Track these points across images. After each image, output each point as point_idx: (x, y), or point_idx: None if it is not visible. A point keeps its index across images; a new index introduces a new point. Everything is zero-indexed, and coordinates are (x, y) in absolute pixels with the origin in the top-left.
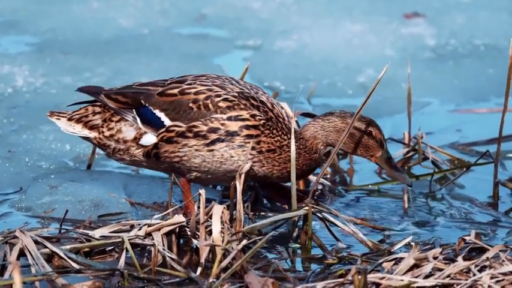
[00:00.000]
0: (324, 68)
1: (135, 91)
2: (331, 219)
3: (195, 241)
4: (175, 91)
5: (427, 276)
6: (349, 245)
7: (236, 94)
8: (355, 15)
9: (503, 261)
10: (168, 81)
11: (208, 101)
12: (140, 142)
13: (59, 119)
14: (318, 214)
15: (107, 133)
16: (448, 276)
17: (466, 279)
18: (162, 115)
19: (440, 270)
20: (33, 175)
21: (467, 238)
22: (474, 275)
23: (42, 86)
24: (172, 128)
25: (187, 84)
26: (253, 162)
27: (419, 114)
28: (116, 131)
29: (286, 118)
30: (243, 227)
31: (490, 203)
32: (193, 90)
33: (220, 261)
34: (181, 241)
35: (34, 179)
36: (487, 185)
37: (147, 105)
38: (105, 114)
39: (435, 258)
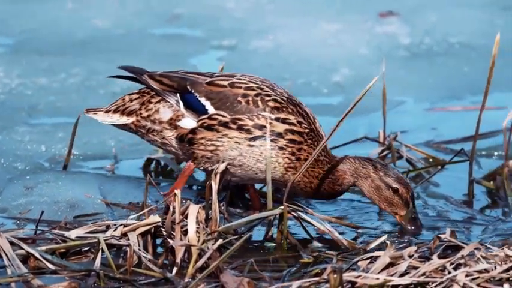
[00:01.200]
0: (299, 68)
1: (182, 76)
2: (307, 218)
3: (170, 241)
4: (226, 83)
5: (402, 275)
6: (325, 244)
7: (285, 98)
8: (330, 14)
9: (479, 259)
10: (217, 74)
11: (258, 98)
12: (178, 123)
13: (95, 113)
14: (293, 213)
15: (145, 114)
16: (424, 274)
17: (442, 277)
18: (207, 103)
19: (415, 268)
20: (8, 176)
21: (442, 236)
22: (449, 273)
23: (18, 87)
24: (215, 116)
25: (237, 79)
26: (289, 167)
27: (394, 112)
28: (153, 111)
29: (323, 133)
30: (219, 227)
31: (465, 201)
32: (243, 86)
33: (196, 261)
34: (157, 241)
35: (9, 180)
36: (462, 183)
37: (193, 91)
38: (143, 98)
39: (410, 256)
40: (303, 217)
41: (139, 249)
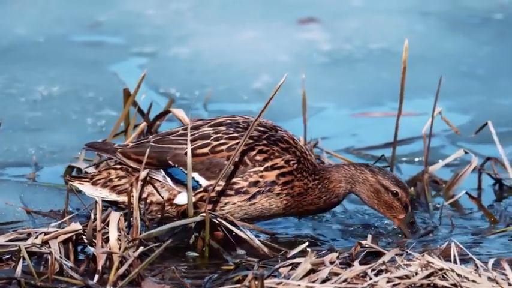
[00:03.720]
0: (219, 74)
1: (158, 150)
2: (228, 225)
3: (91, 248)
4: (206, 150)
5: (324, 281)
6: (247, 251)
7: (266, 142)
8: (250, 21)
9: (400, 265)
10: (190, 133)
11: (245, 157)
12: (175, 201)
13: (81, 183)
14: (214, 220)
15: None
16: (345, 280)
17: (363, 284)
18: (195, 175)
19: (337, 274)
20: None
21: (363, 242)
22: (371, 279)
23: None
24: (211, 188)
25: (214, 140)
26: (286, 206)
27: (315, 119)
28: (147, 193)
29: (307, 152)
30: (140, 234)
31: None
32: (224, 147)
33: (117, 269)
34: (79, 249)
35: None
36: None
37: (176, 166)
38: (131, 177)
39: (332, 263)
40: (224, 224)
41: (61, 257)
